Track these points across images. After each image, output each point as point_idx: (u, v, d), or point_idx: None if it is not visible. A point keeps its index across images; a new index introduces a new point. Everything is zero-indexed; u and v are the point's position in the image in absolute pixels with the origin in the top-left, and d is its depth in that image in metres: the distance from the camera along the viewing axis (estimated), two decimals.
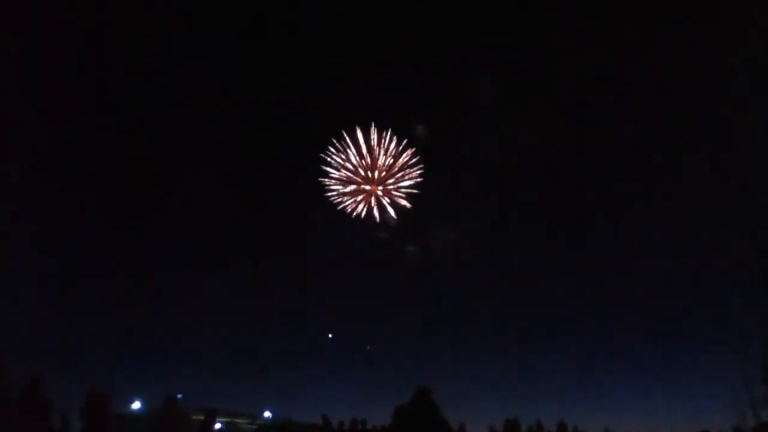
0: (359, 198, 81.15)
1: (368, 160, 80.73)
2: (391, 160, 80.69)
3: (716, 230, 57.66)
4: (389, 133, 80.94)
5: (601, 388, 66.65)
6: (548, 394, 66.36)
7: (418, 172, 79.83)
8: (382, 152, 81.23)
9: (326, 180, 78.71)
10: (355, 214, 79.34)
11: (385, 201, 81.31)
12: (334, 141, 79.69)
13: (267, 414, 69.01)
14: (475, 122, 76.58)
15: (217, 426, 66.26)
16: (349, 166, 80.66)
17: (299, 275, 72.58)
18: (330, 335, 76.80)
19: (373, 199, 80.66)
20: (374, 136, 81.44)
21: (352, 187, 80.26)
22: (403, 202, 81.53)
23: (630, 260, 68.91)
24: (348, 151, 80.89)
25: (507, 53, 69.11)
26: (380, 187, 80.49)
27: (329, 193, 79.23)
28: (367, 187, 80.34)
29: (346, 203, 79.90)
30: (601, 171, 67.76)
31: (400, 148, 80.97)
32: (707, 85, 56.06)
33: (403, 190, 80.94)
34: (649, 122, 67.19)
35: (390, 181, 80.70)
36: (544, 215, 70.51)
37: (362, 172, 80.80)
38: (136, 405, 60.60)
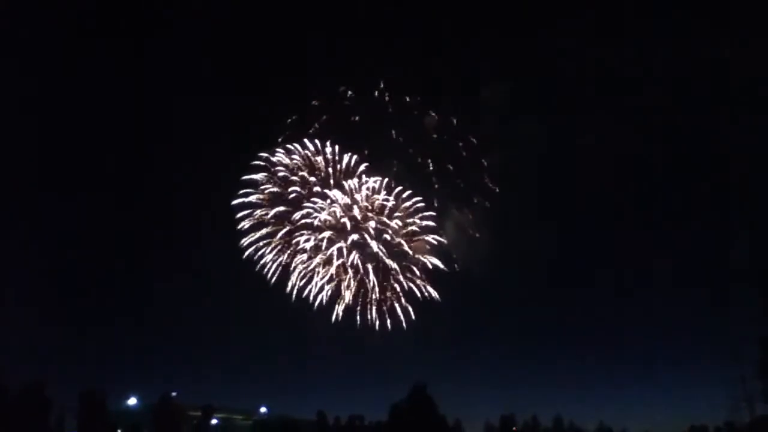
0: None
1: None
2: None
3: (712, 227, 57.87)
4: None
5: (596, 383, 66.99)
6: (544, 390, 66.58)
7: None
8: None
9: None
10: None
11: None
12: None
13: (263, 410, 68.98)
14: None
15: (214, 422, 65.97)
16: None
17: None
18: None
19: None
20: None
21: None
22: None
23: (625, 256, 69.36)
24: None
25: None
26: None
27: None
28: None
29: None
30: (596, 172, 67.69)
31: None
32: (706, 84, 56.23)
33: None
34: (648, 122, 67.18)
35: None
36: (544, 217, 70.73)
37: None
38: (132, 401, 60.35)
